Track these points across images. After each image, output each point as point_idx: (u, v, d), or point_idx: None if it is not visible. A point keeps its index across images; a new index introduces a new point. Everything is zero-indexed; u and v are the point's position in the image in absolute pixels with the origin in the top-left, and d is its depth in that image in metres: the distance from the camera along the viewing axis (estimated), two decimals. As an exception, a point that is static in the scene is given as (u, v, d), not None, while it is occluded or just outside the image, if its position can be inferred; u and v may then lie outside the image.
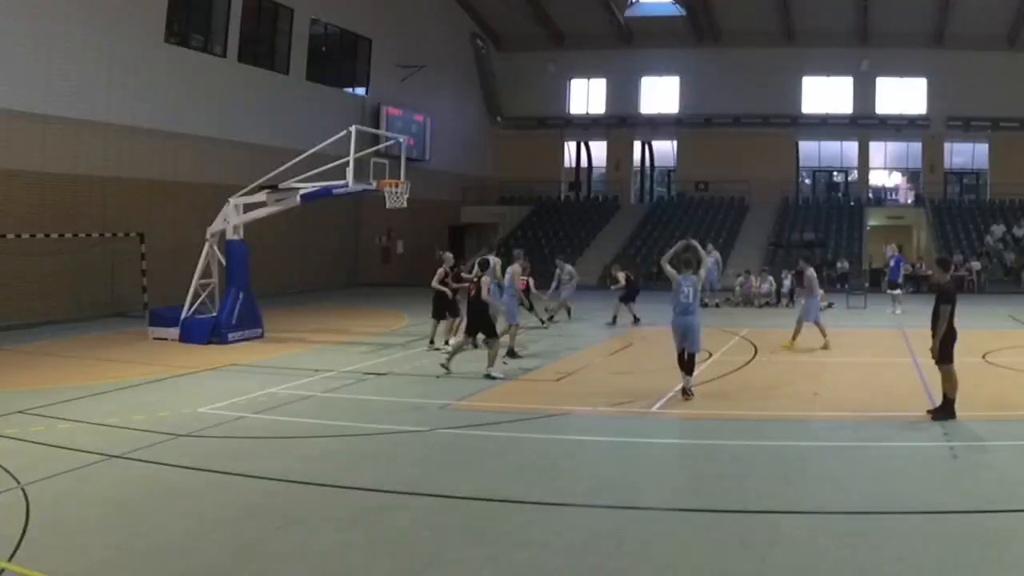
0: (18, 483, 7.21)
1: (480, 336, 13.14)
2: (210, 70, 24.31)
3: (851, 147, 38.11)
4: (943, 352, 9.44)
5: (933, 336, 9.49)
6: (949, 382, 9.43)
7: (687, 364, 10.75)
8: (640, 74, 39.34)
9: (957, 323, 9.57)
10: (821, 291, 23.81)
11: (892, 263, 23.04)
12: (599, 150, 40.83)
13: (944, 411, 9.42)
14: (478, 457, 8.31)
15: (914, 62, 35.63)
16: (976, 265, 28.95)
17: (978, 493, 6.88)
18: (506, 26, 38.73)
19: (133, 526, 6.30)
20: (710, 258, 20.94)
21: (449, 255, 15.81)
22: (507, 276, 15.01)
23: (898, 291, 22.13)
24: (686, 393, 10.70)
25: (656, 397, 10.79)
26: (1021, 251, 30.53)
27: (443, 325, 15.37)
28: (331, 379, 12.47)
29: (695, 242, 11.62)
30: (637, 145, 40.61)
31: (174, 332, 16.27)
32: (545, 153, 40.01)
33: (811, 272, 16.11)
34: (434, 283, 15.23)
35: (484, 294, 12.84)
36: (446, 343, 14.78)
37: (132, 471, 7.78)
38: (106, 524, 6.36)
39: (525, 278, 17.23)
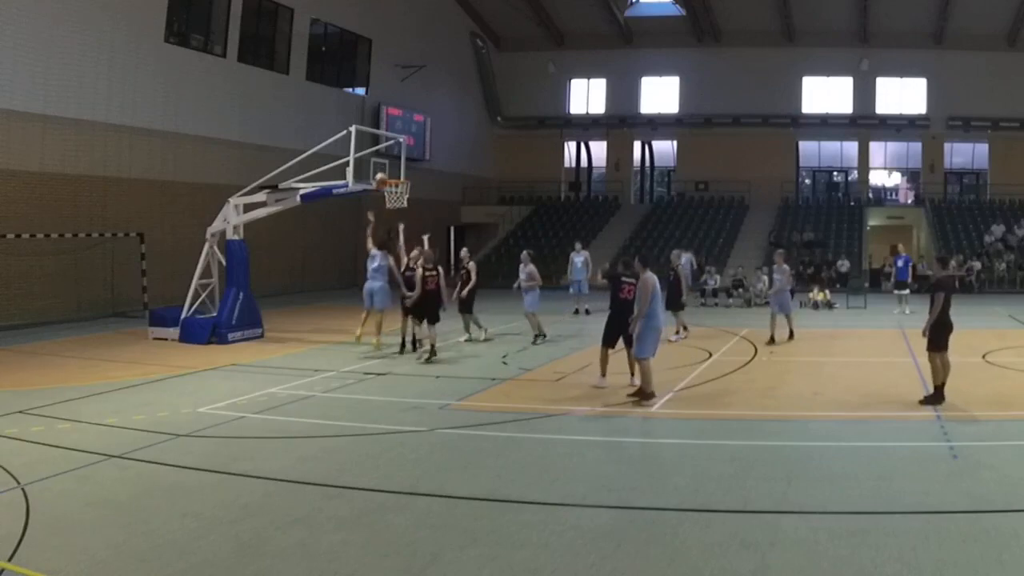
0: (18, 483, 7.22)
1: None
2: (210, 70, 24.32)
3: (851, 147, 38.12)
4: (932, 339, 10.07)
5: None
6: (935, 367, 10.09)
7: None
8: (640, 74, 39.35)
9: (955, 319, 10.21)
10: (825, 291, 23.97)
11: (900, 263, 23.02)
12: (599, 150, 40.85)
13: (933, 398, 10.02)
14: (478, 457, 8.31)
15: (914, 62, 35.66)
16: (976, 265, 28.95)
17: (978, 493, 6.88)
18: (506, 26, 38.74)
19: (133, 526, 6.30)
20: (684, 256, 21.04)
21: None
22: None
23: (906, 291, 22.14)
24: None
25: (656, 397, 10.79)
26: (1021, 251, 30.53)
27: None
28: (331, 379, 12.47)
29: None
30: (637, 145, 40.63)
31: (174, 332, 16.28)
32: (545, 153, 40.04)
33: (785, 267, 16.60)
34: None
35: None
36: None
37: (132, 471, 7.77)
38: (106, 524, 6.36)
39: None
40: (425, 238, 16.00)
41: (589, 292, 21.69)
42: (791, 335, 16.26)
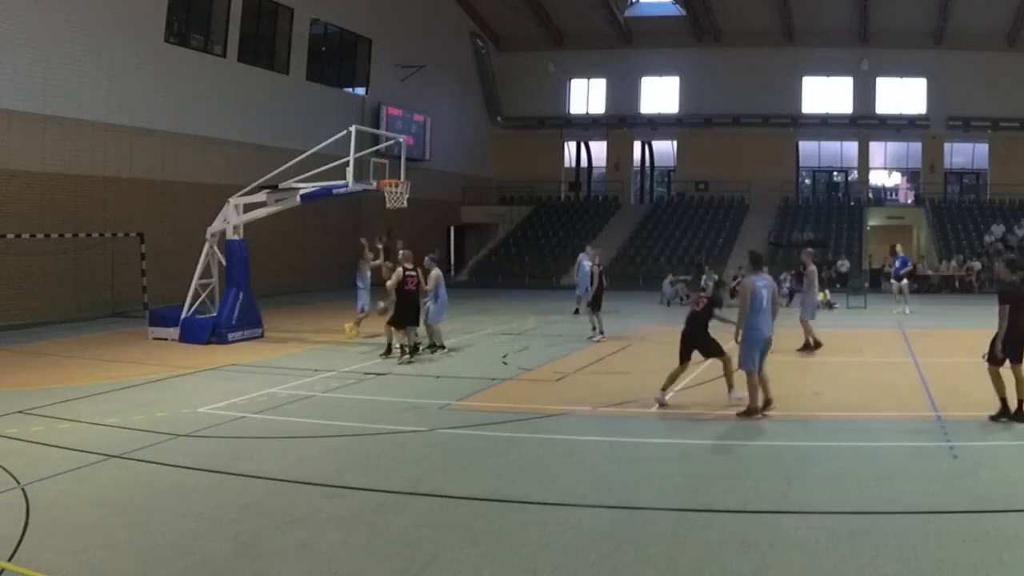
0: (18, 483, 7.21)
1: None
2: (210, 70, 24.32)
3: (851, 147, 38.15)
4: (992, 352, 9.22)
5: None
6: (995, 383, 9.17)
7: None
8: (640, 74, 39.37)
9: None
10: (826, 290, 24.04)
11: (898, 263, 23.04)
12: (599, 150, 40.88)
13: (1004, 413, 9.14)
14: (478, 457, 8.31)
15: (914, 62, 35.68)
16: (976, 265, 28.96)
17: (978, 493, 6.88)
18: (506, 26, 38.76)
19: (133, 526, 6.30)
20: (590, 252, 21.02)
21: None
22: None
23: (904, 281, 22.09)
24: None
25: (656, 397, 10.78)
26: (1021, 251, 30.53)
27: None
28: (331, 379, 12.47)
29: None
30: (637, 145, 40.65)
31: (174, 332, 16.28)
32: (545, 153, 40.06)
33: (812, 268, 15.87)
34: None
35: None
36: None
37: (132, 471, 7.77)
38: (106, 524, 6.36)
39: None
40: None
41: None
42: (814, 343, 15.04)
